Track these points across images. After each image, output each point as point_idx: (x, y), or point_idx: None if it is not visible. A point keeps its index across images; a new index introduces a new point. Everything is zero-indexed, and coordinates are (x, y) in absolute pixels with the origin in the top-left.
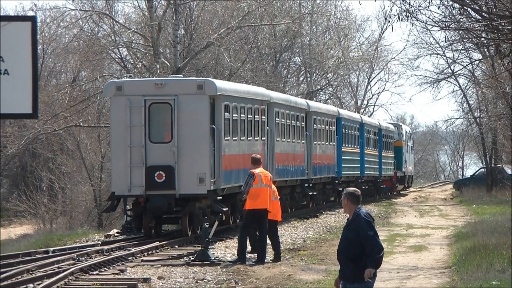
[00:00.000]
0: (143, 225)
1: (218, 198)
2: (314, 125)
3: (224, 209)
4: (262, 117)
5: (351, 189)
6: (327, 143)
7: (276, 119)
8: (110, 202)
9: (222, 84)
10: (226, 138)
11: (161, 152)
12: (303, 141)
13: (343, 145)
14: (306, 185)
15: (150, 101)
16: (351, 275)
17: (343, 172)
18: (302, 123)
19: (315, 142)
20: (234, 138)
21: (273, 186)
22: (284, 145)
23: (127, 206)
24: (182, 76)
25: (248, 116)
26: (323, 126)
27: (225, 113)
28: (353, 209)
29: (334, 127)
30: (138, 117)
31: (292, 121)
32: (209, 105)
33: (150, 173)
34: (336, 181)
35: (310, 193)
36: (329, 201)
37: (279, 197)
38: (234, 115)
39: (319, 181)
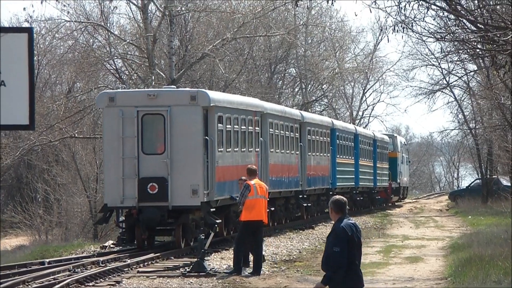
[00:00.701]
0: (136, 237)
1: (212, 210)
2: (308, 136)
3: (218, 221)
4: (256, 128)
5: (336, 197)
6: (321, 154)
7: (270, 130)
8: (102, 214)
9: (215, 95)
10: (219, 149)
11: (154, 164)
12: (297, 152)
13: (338, 156)
14: (300, 196)
15: (143, 112)
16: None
17: (337, 184)
18: (296, 134)
19: (309, 153)
20: (227, 150)
21: None
22: (278, 156)
23: (120, 218)
24: (175, 87)
25: (242, 127)
26: (317, 137)
27: (219, 124)
28: (335, 218)
29: (328, 138)
30: (131, 128)
31: (286, 132)
32: (202, 116)
33: (143, 185)
34: (330, 192)
35: (305, 205)
36: (324, 213)
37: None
38: (227, 126)
39: (314, 193)
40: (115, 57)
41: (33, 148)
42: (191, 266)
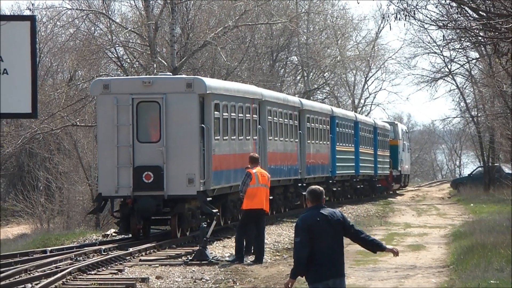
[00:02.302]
0: (131, 227)
1: (208, 199)
2: (308, 123)
3: (214, 210)
4: (254, 115)
5: (312, 187)
6: (321, 142)
7: (269, 117)
8: (96, 203)
9: (211, 82)
10: (216, 137)
11: (149, 152)
12: (297, 140)
13: (337, 144)
14: (299, 184)
15: (138, 99)
16: None
17: (337, 172)
18: (295, 121)
19: (308, 141)
20: (224, 138)
21: None
22: (276, 144)
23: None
24: (171, 74)
25: (239, 115)
26: (316, 124)
27: (215, 112)
28: (307, 207)
29: (328, 126)
30: (126, 116)
31: (285, 120)
32: (199, 103)
33: (138, 174)
34: (330, 181)
35: (304, 193)
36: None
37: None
38: (224, 114)
39: (313, 181)
40: (117, 45)
41: (35, 136)
42: (193, 255)
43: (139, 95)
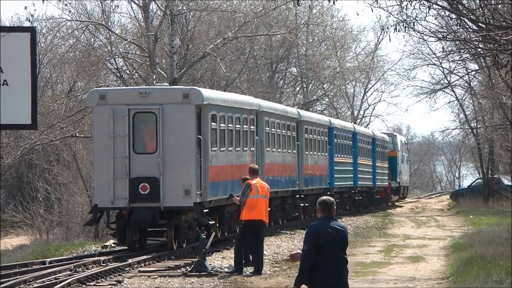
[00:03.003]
0: (127, 239)
1: (205, 210)
2: (306, 134)
3: (211, 222)
4: (251, 126)
5: (323, 197)
6: (319, 153)
7: (266, 128)
8: (92, 215)
9: (208, 93)
10: (213, 148)
11: (145, 163)
12: (294, 151)
13: (336, 155)
14: (297, 196)
15: (134, 110)
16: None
17: (335, 183)
18: (293, 132)
19: (306, 152)
20: (221, 149)
21: None
22: (274, 155)
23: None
24: (167, 84)
25: (236, 126)
26: (314, 135)
27: (212, 123)
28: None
29: (326, 137)
30: (122, 127)
31: (283, 131)
32: (195, 114)
33: (134, 185)
34: (328, 192)
35: (302, 205)
36: None
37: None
38: (221, 125)
39: (311, 192)
40: (116, 56)
41: (34, 147)
42: (193, 266)
43: (135, 105)
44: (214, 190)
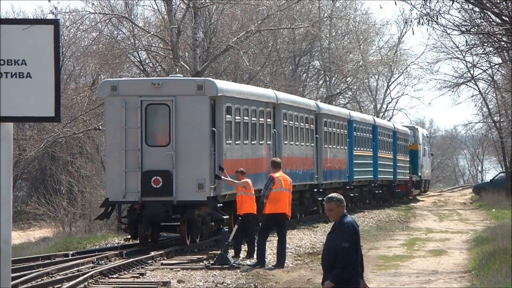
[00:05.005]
0: (138, 233)
1: (219, 205)
2: (325, 127)
3: (225, 217)
4: (268, 119)
5: (335, 194)
6: (338, 147)
7: (284, 121)
8: (104, 208)
9: (223, 85)
10: (227, 141)
11: (158, 156)
12: (313, 144)
13: (355, 148)
14: (315, 190)
15: (147, 102)
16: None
17: (354, 177)
18: (312, 125)
19: (325, 146)
20: (236, 142)
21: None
22: (292, 148)
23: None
24: (181, 75)
25: (252, 118)
26: (334, 129)
27: (227, 115)
28: (339, 215)
29: (345, 130)
30: (134, 119)
31: (301, 123)
32: (210, 106)
33: (146, 178)
34: (347, 186)
35: (320, 199)
36: None
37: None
38: (236, 117)
39: (330, 186)
40: (139, 49)
41: (57, 140)
42: (215, 259)
43: (148, 97)
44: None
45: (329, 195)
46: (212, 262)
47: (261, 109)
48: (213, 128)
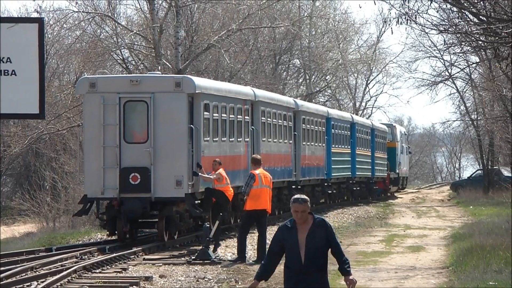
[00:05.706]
0: (117, 230)
1: (197, 202)
2: (303, 125)
3: (202, 214)
4: (246, 117)
5: (301, 195)
6: (316, 144)
7: (262, 118)
8: (82, 205)
9: (201, 82)
10: (205, 138)
11: (136, 153)
12: (291, 141)
13: (333, 145)
14: (293, 187)
15: (125, 99)
16: (320, 285)
17: (333, 174)
18: (290, 122)
19: (303, 143)
20: (214, 139)
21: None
22: (270, 145)
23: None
24: (160, 73)
25: (230, 115)
26: (312, 126)
27: (205, 112)
28: (309, 216)
29: (323, 128)
30: (112, 116)
31: (279, 121)
32: (188, 103)
33: (125, 175)
34: (325, 183)
35: None
36: (319, 203)
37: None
38: (214, 114)
39: (308, 183)
40: (122, 47)
41: (41, 136)
42: (196, 254)
43: (126, 94)
44: None
45: (299, 197)
46: (194, 257)
47: (239, 106)
48: (191, 125)
